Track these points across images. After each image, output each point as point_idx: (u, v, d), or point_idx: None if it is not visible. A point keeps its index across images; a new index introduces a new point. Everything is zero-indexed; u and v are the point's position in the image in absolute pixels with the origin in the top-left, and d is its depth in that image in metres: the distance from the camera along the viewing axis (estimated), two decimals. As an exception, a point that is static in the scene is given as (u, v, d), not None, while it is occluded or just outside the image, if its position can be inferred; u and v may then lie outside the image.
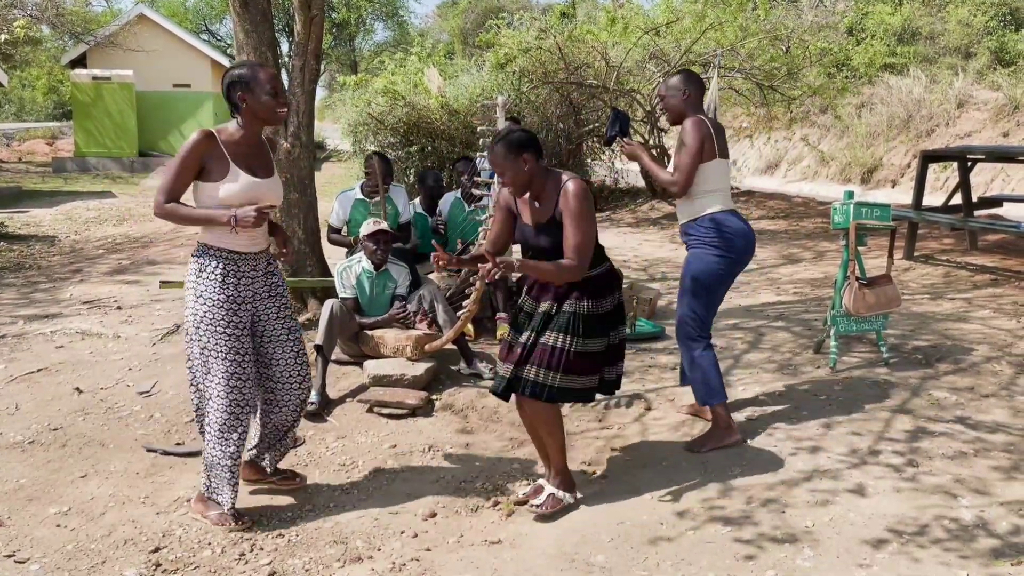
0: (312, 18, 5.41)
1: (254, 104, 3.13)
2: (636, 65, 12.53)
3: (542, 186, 3.19)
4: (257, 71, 3.16)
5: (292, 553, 3.06)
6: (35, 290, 6.93)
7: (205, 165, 3.10)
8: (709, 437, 3.82)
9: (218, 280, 3.15)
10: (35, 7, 16.12)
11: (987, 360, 4.82)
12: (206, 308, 3.14)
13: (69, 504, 3.42)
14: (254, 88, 3.12)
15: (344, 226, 5.71)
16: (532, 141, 3.16)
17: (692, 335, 3.87)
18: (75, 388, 4.59)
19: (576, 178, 3.16)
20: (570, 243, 3.09)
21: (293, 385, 3.37)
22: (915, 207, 7.89)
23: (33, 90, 37.20)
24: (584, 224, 3.09)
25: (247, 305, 3.22)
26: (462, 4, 38.70)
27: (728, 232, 3.77)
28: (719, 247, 3.77)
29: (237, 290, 3.19)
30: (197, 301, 3.15)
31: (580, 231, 3.08)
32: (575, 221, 3.08)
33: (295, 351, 3.35)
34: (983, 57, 17.46)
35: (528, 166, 3.12)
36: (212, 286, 3.14)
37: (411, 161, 11.71)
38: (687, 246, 3.92)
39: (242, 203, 3.10)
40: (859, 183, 15.50)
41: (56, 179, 16.51)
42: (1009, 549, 2.91)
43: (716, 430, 3.82)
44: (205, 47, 22.14)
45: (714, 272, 3.79)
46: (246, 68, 3.17)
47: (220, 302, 3.14)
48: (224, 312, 3.15)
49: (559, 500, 3.30)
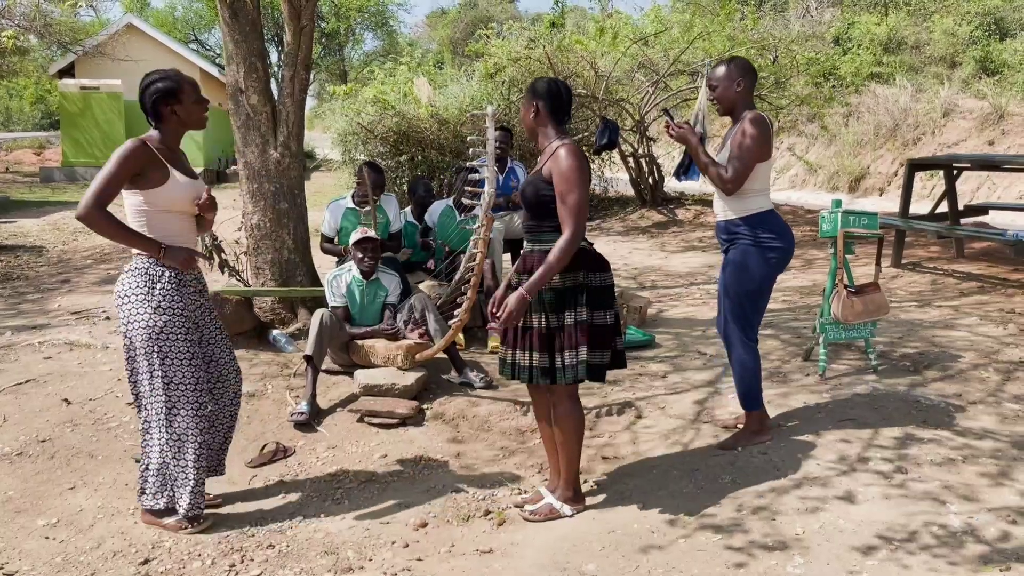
0: (302, 28, 5.42)
1: (184, 113, 3.20)
2: (625, 74, 12.60)
3: (545, 142, 3.23)
4: (182, 80, 3.21)
5: (283, 564, 3.05)
6: (22, 301, 6.89)
7: (142, 172, 3.13)
8: (742, 436, 3.87)
9: (174, 289, 3.18)
10: (23, 17, 16.05)
11: (974, 367, 4.85)
12: (167, 318, 3.15)
13: (57, 516, 3.40)
14: (182, 97, 3.19)
15: (336, 235, 5.71)
16: (551, 95, 3.21)
17: (742, 337, 3.82)
18: (63, 399, 4.57)
19: (570, 142, 3.15)
20: (563, 210, 3.07)
21: (231, 380, 3.47)
22: (902, 215, 7.94)
23: (20, 100, 37.06)
24: (575, 190, 3.06)
25: (193, 309, 3.28)
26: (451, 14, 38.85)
27: (779, 229, 3.75)
28: (771, 245, 3.72)
29: (190, 297, 3.25)
30: (155, 314, 3.13)
31: (572, 195, 3.06)
32: (567, 186, 3.07)
33: (228, 347, 3.47)
34: (968, 66, 17.64)
35: (534, 114, 3.21)
36: (170, 296, 3.16)
37: (401, 170, 11.71)
38: (732, 243, 3.82)
39: (184, 203, 3.21)
40: (847, 191, 15.61)
41: (43, 189, 16.43)
42: (997, 555, 2.92)
43: (748, 432, 3.88)
44: (194, 57, 22.12)
45: (766, 271, 3.74)
46: (169, 79, 3.20)
47: (179, 310, 3.18)
48: (183, 320, 3.19)
49: (555, 510, 3.30)
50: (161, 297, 3.14)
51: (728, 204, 3.78)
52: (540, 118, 3.21)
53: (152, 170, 3.14)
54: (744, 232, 3.74)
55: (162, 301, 3.14)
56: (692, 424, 4.16)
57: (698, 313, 6.43)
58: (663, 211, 12.22)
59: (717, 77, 3.76)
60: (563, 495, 3.34)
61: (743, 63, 3.77)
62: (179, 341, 3.17)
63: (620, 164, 13.08)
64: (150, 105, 3.18)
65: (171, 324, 3.15)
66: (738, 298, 3.78)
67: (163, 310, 3.14)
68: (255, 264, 5.58)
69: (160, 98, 3.16)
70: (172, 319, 3.15)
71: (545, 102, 3.19)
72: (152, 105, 3.18)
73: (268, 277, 5.56)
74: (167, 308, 3.15)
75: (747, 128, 3.63)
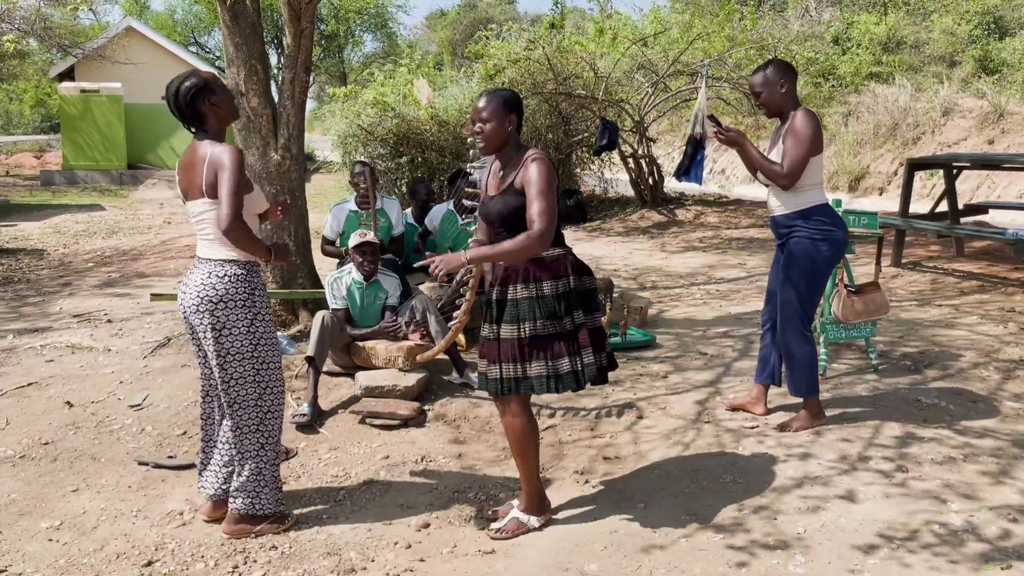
0: (302, 30, 5.43)
1: (221, 103, 3.11)
2: (624, 75, 12.62)
3: (510, 155, 3.17)
4: (204, 74, 3.13)
5: (285, 565, 3.06)
6: (24, 304, 6.90)
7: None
8: (801, 420, 4.03)
9: (263, 293, 3.20)
10: (23, 20, 16.07)
11: (974, 366, 4.86)
12: (265, 326, 3.16)
13: (61, 518, 3.40)
14: (215, 88, 3.10)
15: (338, 238, 5.72)
16: (521, 108, 3.19)
17: (801, 329, 3.93)
18: (66, 402, 4.58)
19: (541, 154, 3.14)
20: (532, 211, 3.00)
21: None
22: (902, 214, 7.95)
23: (21, 103, 37.10)
24: (545, 193, 3.00)
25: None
26: (450, 15, 38.88)
27: (835, 222, 3.86)
28: (828, 238, 3.82)
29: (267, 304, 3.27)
30: (256, 321, 3.13)
31: (542, 198, 2.99)
32: (537, 189, 3.00)
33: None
34: (968, 65, 17.66)
35: (511, 127, 3.14)
36: (262, 301, 3.17)
37: (401, 172, 11.73)
38: (788, 237, 3.90)
39: (263, 206, 3.25)
40: (847, 191, 15.61)
41: (44, 192, 16.44)
42: (998, 553, 2.93)
43: (808, 415, 4.02)
44: (194, 59, 22.15)
45: (824, 262, 3.85)
46: (195, 75, 3.11)
47: (269, 315, 3.20)
48: (271, 325, 3.22)
49: (523, 524, 3.23)
50: (260, 305, 3.16)
51: (783, 199, 3.89)
52: (512, 131, 3.15)
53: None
54: (801, 225, 3.84)
55: (261, 309, 3.16)
56: (693, 424, 4.17)
57: (699, 313, 6.44)
58: (663, 211, 12.23)
59: (759, 83, 3.86)
60: (528, 507, 3.26)
61: (781, 64, 3.87)
62: (273, 346, 3.22)
63: (620, 165, 13.09)
64: (188, 107, 3.06)
65: (269, 331, 3.19)
66: (798, 290, 3.88)
67: (262, 317, 3.16)
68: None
69: (196, 95, 3.05)
70: (267, 326, 3.19)
71: (517, 114, 3.15)
72: (190, 106, 3.06)
73: (269, 279, 5.58)
74: (265, 316, 3.18)
75: (798, 124, 3.75)
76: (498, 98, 3.14)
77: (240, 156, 3.04)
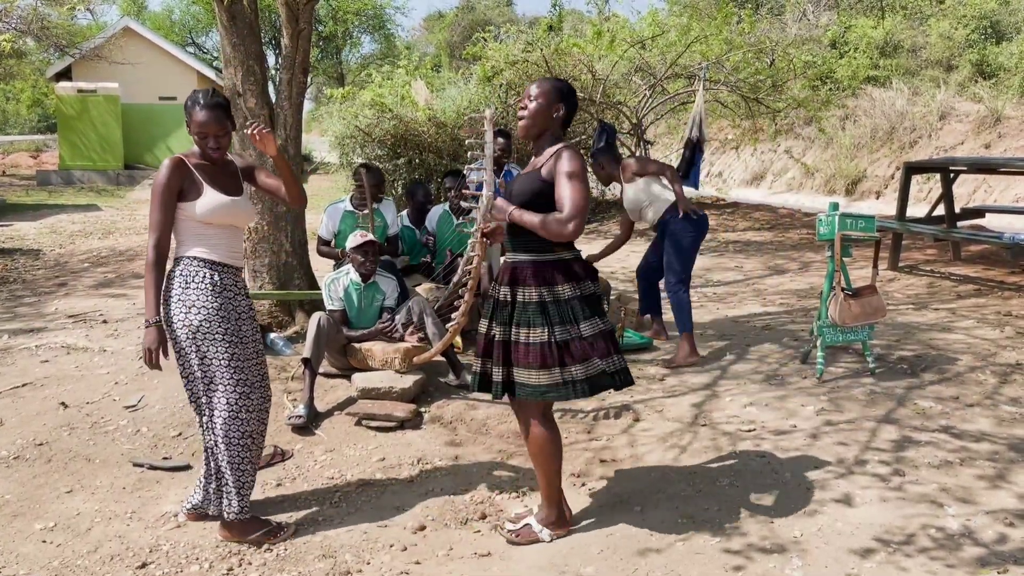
0: (299, 31, 5.42)
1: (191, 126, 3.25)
2: (622, 78, 12.61)
3: (544, 144, 3.14)
4: (197, 93, 3.28)
5: (281, 568, 3.05)
6: (19, 304, 6.88)
7: (182, 187, 3.18)
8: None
9: (208, 289, 3.16)
10: (20, 20, 16.03)
11: (971, 369, 4.86)
12: (201, 318, 3.13)
13: (55, 520, 3.39)
14: (188, 109, 3.25)
15: (333, 238, 5.71)
16: (574, 103, 3.17)
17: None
18: (60, 403, 4.56)
19: (575, 149, 3.10)
20: (565, 200, 2.95)
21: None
22: (899, 218, 7.96)
23: (17, 103, 37.00)
24: (579, 184, 2.97)
25: (235, 316, 3.22)
26: (449, 17, 38.86)
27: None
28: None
29: (227, 299, 3.20)
30: (189, 312, 3.12)
31: (575, 189, 2.96)
32: (571, 180, 2.97)
33: (262, 372, 3.32)
34: (964, 70, 17.69)
35: (557, 115, 3.11)
36: (203, 295, 3.14)
37: (399, 173, 11.72)
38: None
39: (220, 220, 3.22)
40: (843, 194, 15.63)
41: (40, 192, 16.41)
42: (995, 557, 2.93)
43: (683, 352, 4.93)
44: (191, 60, 22.13)
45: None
46: (191, 95, 3.29)
47: (214, 310, 3.15)
48: (219, 319, 3.15)
49: (534, 534, 3.19)
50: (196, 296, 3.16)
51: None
52: (557, 120, 3.13)
53: (187, 185, 3.19)
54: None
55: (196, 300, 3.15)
56: (690, 427, 4.16)
57: (695, 316, 6.42)
58: (661, 214, 12.20)
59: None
60: (544, 519, 3.22)
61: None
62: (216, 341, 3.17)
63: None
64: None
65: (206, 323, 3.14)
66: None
67: (197, 309, 3.14)
68: (253, 267, 5.58)
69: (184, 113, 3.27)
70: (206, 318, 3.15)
71: (567, 107, 3.13)
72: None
73: (266, 280, 5.56)
74: (200, 307, 3.14)
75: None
76: (553, 85, 3.13)
77: (168, 168, 3.16)
